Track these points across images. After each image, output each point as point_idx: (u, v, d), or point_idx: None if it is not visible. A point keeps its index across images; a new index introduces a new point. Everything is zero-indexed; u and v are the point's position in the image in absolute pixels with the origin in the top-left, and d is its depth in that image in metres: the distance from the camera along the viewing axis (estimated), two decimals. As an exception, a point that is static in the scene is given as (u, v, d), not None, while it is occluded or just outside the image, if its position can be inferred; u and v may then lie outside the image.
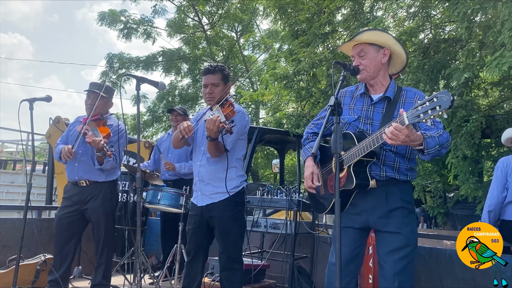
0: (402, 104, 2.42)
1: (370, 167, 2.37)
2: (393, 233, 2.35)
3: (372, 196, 2.40)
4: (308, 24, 7.85)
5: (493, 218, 3.76)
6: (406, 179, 2.45)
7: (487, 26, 4.86)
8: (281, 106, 11.06)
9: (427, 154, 2.21)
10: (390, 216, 2.37)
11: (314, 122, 2.75)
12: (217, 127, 2.70)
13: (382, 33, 2.55)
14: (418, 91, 2.53)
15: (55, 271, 3.60)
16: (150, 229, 5.51)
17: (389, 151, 2.41)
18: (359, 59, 2.48)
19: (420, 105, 2.07)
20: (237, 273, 3.02)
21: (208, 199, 3.03)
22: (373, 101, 2.50)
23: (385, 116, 2.43)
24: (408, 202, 2.44)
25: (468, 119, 5.24)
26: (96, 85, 3.77)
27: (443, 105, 1.97)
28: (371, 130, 2.44)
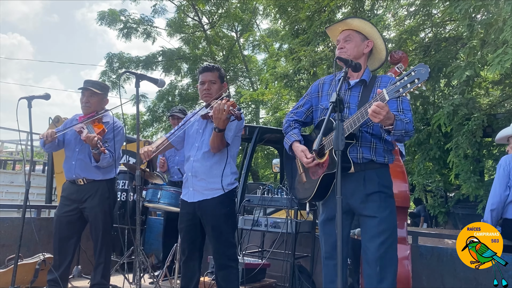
0: (377, 88, 2.46)
1: (348, 150, 2.41)
2: (372, 217, 2.40)
3: (350, 180, 2.43)
4: (308, 23, 7.85)
5: (496, 217, 3.73)
6: (384, 161, 2.48)
7: (488, 24, 4.84)
8: (281, 105, 11.05)
9: (393, 135, 2.28)
10: (368, 200, 2.42)
11: (293, 111, 2.79)
12: (226, 114, 2.69)
13: (370, 25, 2.61)
14: (392, 77, 2.61)
15: (55, 271, 3.58)
16: (150, 229, 5.48)
17: (365, 132, 2.46)
18: (344, 43, 2.56)
19: (399, 80, 2.13)
20: (234, 271, 2.98)
21: (200, 195, 2.98)
22: (350, 85, 2.56)
23: (361, 100, 2.48)
24: (385, 187, 2.47)
25: (469, 117, 5.23)
26: (90, 83, 3.73)
27: (422, 77, 2.05)
28: (349, 113, 2.48)
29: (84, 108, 3.72)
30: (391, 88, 2.16)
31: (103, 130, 3.55)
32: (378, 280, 2.36)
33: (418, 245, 3.90)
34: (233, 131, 2.97)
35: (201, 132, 3.06)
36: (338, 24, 2.63)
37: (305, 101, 2.76)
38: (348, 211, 2.51)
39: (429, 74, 2.03)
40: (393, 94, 2.15)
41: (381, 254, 2.36)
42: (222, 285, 2.98)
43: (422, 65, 2.07)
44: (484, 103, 7.06)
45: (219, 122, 2.74)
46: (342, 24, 2.61)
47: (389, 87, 2.17)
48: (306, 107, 2.75)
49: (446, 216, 8.28)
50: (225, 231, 2.95)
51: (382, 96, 2.18)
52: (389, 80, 2.52)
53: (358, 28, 2.58)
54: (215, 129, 2.80)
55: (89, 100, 3.69)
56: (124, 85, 16.08)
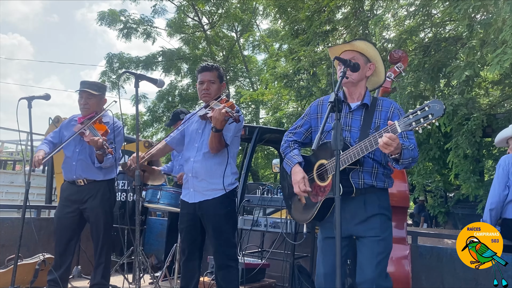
0: (379, 113, 2.50)
1: (351, 175, 2.41)
2: (372, 238, 2.41)
3: (351, 204, 2.43)
4: (308, 23, 7.85)
5: (495, 217, 3.73)
6: (384, 186, 2.50)
7: (488, 24, 4.85)
8: (281, 105, 11.06)
9: (401, 164, 2.30)
10: (369, 222, 2.43)
11: (292, 131, 2.77)
12: (224, 116, 2.70)
13: (374, 48, 2.60)
14: (392, 101, 2.61)
15: (55, 271, 3.57)
16: (150, 229, 5.48)
17: (367, 157, 2.45)
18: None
19: (412, 114, 2.13)
20: (233, 271, 2.98)
21: (201, 196, 2.98)
22: (351, 108, 2.54)
23: (363, 123, 2.49)
24: (386, 209, 2.49)
25: (469, 117, 5.23)
26: (87, 84, 3.72)
27: (436, 113, 2.05)
28: (350, 137, 2.48)
29: (83, 110, 3.71)
30: (404, 121, 2.16)
31: (106, 131, 3.55)
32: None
33: (418, 245, 3.90)
34: (232, 132, 2.98)
35: (200, 132, 3.06)
36: (344, 45, 2.60)
37: (304, 121, 2.73)
38: (347, 236, 2.50)
39: (443, 111, 2.03)
40: (405, 128, 2.15)
41: (378, 275, 2.38)
42: (222, 285, 2.97)
43: (437, 101, 2.08)
44: (484, 103, 7.07)
45: (216, 122, 2.74)
46: (348, 45, 2.58)
47: (402, 119, 2.17)
48: (305, 127, 2.71)
49: (446, 216, 8.29)
50: (225, 231, 2.95)
51: (394, 128, 2.18)
52: (390, 105, 2.53)
53: (363, 50, 2.55)
54: (212, 129, 2.80)
55: (87, 102, 3.68)
56: (124, 85, 16.11)
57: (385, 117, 2.48)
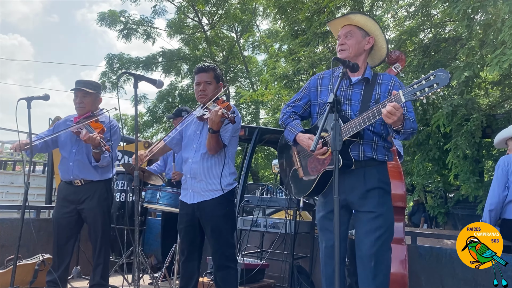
0: (379, 86, 2.49)
1: (350, 147, 2.40)
2: (370, 213, 2.40)
3: (350, 177, 2.43)
4: (307, 23, 7.86)
5: (494, 217, 3.73)
6: (384, 159, 2.49)
7: (487, 25, 4.85)
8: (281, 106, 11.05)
9: (403, 134, 2.30)
10: (368, 196, 2.41)
11: (291, 104, 2.75)
12: (220, 117, 2.71)
13: (372, 21, 2.58)
14: (393, 76, 2.59)
15: (54, 272, 3.58)
16: (149, 229, 5.48)
17: (367, 130, 2.44)
18: (344, 39, 2.52)
19: (416, 83, 2.12)
20: (232, 271, 2.98)
21: (199, 197, 2.99)
22: (351, 82, 2.53)
23: (364, 97, 2.47)
24: (385, 183, 2.48)
25: (468, 118, 5.23)
26: (82, 83, 3.72)
27: (441, 82, 2.04)
28: (350, 109, 2.48)
29: (78, 109, 3.70)
30: (409, 90, 2.14)
31: (103, 129, 3.55)
32: (371, 276, 2.36)
33: (417, 245, 3.90)
34: (230, 132, 2.98)
35: (198, 133, 3.07)
36: (340, 19, 2.59)
37: (303, 94, 2.71)
38: (345, 206, 2.50)
39: (449, 80, 2.02)
40: (410, 97, 2.13)
41: (376, 250, 2.36)
42: (221, 285, 2.98)
43: (443, 70, 2.07)
44: (483, 103, 7.07)
45: (213, 124, 2.76)
46: (344, 19, 2.57)
47: (406, 89, 2.16)
48: (304, 101, 2.70)
49: (445, 216, 8.28)
50: (224, 232, 2.95)
51: (398, 98, 2.16)
52: (391, 79, 2.52)
53: (360, 23, 2.53)
54: (209, 130, 2.82)
55: (83, 100, 3.67)
56: (124, 86, 16.13)
57: (385, 90, 2.47)
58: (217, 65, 3.24)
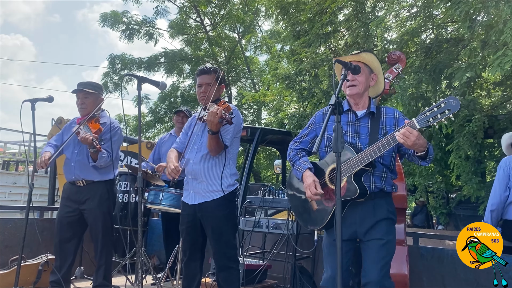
0: (384, 120, 2.61)
1: (363, 178, 2.48)
2: (378, 241, 2.49)
3: (361, 209, 2.53)
4: (309, 24, 7.86)
5: (496, 218, 3.74)
6: (391, 190, 2.60)
7: (489, 26, 4.85)
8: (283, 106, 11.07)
9: (428, 160, 2.42)
10: (377, 226, 2.51)
11: (297, 140, 2.83)
12: (218, 118, 2.73)
13: (377, 60, 2.71)
14: (395, 109, 2.73)
15: (57, 271, 3.60)
16: (152, 230, 5.50)
17: (378, 162, 2.54)
18: (355, 76, 2.59)
19: (428, 111, 2.24)
20: (234, 272, 3.00)
21: (200, 197, 3.01)
22: (358, 116, 2.65)
23: (371, 130, 2.58)
24: (393, 213, 2.59)
25: (470, 118, 5.23)
26: (82, 84, 3.76)
27: (453, 108, 2.16)
28: (360, 143, 2.57)
29: (80, 110, 3.75)
30: (422, 117, 2.26)
31: (100, 129, 3.58)
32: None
33: (419, 246, 3.91)
34: (231, 133, 3.00)
35: (200, 134, 3.09)
36: (351, 56, 2.70)
37: (309, 130, 2.80)
38: (353, 239, 2.60)
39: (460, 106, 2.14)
40: (423, 124, 2.25)
41: (382, 276, 2.46)
42: (223, 286, 2.99)
43: (453, 97, 2.18)
44: (485, 104, 7.06)
45: (211, 125, 2.78)
46: (355, 56, 2.68)
47: (419, 116, 2.27)
48: (310, 136, 2.79)
49: (447, 217, 8.28)
50: (225, 233, 2.97)
51: (413, 124, 2.28)
52: (394, 112, 2.65)
53: (368, 62, 2.66)
54: (208, 132, 2.84)
55: (84, 101, 3.72)
56: (127, 87, 16.13)
57: (391, 123, 2.58)
58: (219, 66, 3.26)
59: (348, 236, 2.53)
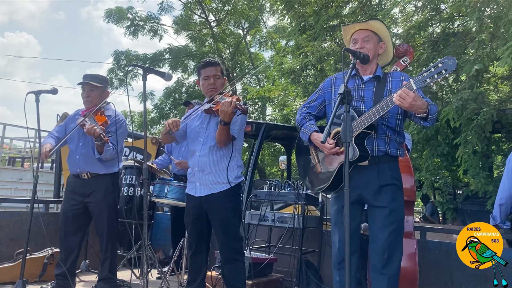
0: (390, 83, 2.61)
1: (365, 141, 2.49)
2: (383, 208, 2.51)
3: (365, 173, 2.55)
4: (315, 18, 7.81)
5: (505, 212, 3.69)
6: (396, 154, 2.59)
7: (498, 17, 4.78)
8: (288, 102, 11.01)
9: (430, 120, 2.40)
10: (381, 191, 2.53)
11: (306, 105, 2.86)
12: (232, 108, 2.71)
13: (386, 29, 2.72)
14: (402, 73, 2.73)
15: (62, 264, 3.60)
16: (157, 224, 5.49)
17: (381, 124, 2.55)
18: (363, 43, 2.63)
19: (426, 71, 2.23)
20: (240, 264, 2.98)
21: (207, 189, 2.99)
22: (363, 80, 2.66)
23: (376, 94, 2.58)
24: (397, 179, 2.59)
25: (478, 112, 5.16)
26: (89, 77, 3.74)
27: (449, 68, 2.15)
28: (364, 106, 2.57)
29: (86, 103, 3.74)
30: (419, 78, 2.25)
31: (106, 122, 3.57)
32: (383, 265, 2.49)
33: (426, 240, 3.88)
34: (239, 125, 3.00)
35: (204, 127, 3.07)
36: (361, 23, 2.72)
37: (317, 95, 2.83)
38: (359, 201, 2.61)
39: (456, 65, 2.12)
40: (420, 84, 2.24)
41: (390, 243, 2.48)
42: (228, 278, 2.98)
43: (450, 57, 2.18)
44: (493, 99, 6.98)
45: (225, 115, 2.75)
46: (364, 24, 2.69)
47: (416, 77, 2.27)
48: (319, 101, 2.81)
49: (454, 212, 8.22)
50: (232, 225, 2.95)
51: (410, 85, 2.27)
52: (400, 75, 2.63)
53: (377, 30, 2.67)
54: (220, 122, 2.81)
55: (90, 94, 3.71)
56: (132, 83, 16.16)
57: (397, 86, 2.56)
58: (224, 62, 3.25)
59: (353, 199, 2.54)
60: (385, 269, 2.48)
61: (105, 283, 3.66)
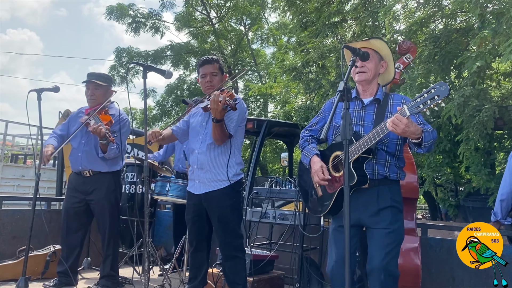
0: (391, 107, 2.59)
1: (365, 165, 2.48)
2: (383, 230, 2.48)
3: (364, 196, 2.53)
4: (317, 14, 7.78)
5: (506, 208, 3.69)
6: (396, 178, 2.58)
7: (500, 14, 4.75)
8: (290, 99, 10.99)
9: (424, 147, 2.39)
10: (380, 214, 2.51)
11: (308, 129, 2.87)
12: (222, 105, 2.71)
13: (387, 47, 2.70)
14: (404, 96, 2.72)
15: (64, 262, 3.61)
16: (159, 221, 5.51)
17: (381, 149, 2.55)
18: (363, 62, 2.59)
19: (419, 97, 2.23)
20: (240, 261, 3.00)
21: (206, 187, 3.00)
22: (364, 104, 2.65)
23: (376, 118, 2.57)
24: (397, 202, 2.56)
25: (480, 109, 5.14)
26: (93, 75, 3.75)
27: (441, 94, 2.14)
28: (363, 131, 2.57)
29: (90, 101, 3.75)
30: (412, 104, 2.25)
31: (111, 121, 3.57)
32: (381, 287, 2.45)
33: (428, 237, 3.88)
34: (235, 122, 2.99)
35: (204, 124, 3.08)
36: (361, 42, 2.70)
37: (319, 119, 2.84)
38: (358, 225, 2.59)
39: (448, 92, 2.14)
40: (413, 110, 2.24)
41: (386, 263, 2.45)
42: (229, 275, 2.99)
43: (442, 83, 2.19)
44: (495, 95, 6.95)
45: (215, 112, 2.76)
46: (365, 43, 2.67)
47: (410, 103, 2.27)
48: (320, 124, 2.82)
49: (456, 209, 8.21)
50: (231, 222, 2.96)
51: (403, 112, 2.27)
52: (401, 99, 2.62)
53: (378, 49, 2.65)
54: (213, 120, 2.82)
55: (94, 93, 3.71)
56: (133, 80, 16.15)
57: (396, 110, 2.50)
58: (225, 59, 3.25)
59: (352, 222, 2.50)
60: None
61: (107, 280, 3.68)
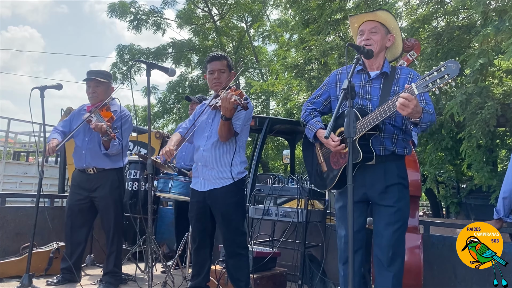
0: (398, 80, 2.53)
1: (371, 141, 2.45)
2: (389, 207, 2.48)
3: (371, 172, 2.50)
4: (319, 12, 7.77)
5: (508, 205, 3.67)
6: (403, 153, 2.55)
7: (503, 11, 4.74)
8: (292, 96, 10.99)
9: (420, 127, 2.35)
10: (387, 191, 2.49)
11: (311, 101, 2.80)
12: (232, 104, 2.70)
13: (395, 20, 2.63)
14: (411, 70, 2.63)
15: (67, 259, 3.63)
16: (161, 218, 5.52)
17: (388, 123, 2.50)
18: (369, 34, 2.55)
19: (428, 75, 2.15)
20: (244, 258, 3.00)
21: (210, 184, 3.01)
22: (370, 77, 2.58)
23: (383, 91, 2.51)
24: (403, 178, 2.55)
25: (483, 106, 5.14)
26: (94, 73, 3.76)
27: (452, 73, 2.07)
28: (370, 105, 2.52)
29: (91, 99, 3.76)
30: (421, 82, 2.18)
31: (112, 118, 3.58)
32: (388, 263, 2.48)
33: (430, 234, 3.88)
34: (242, 120, 2.99)
35: (210, 122, 3.08)
36: (367, 14, 2.64)
37: (322, 91, 2.77)
38: (365, 200, 2.58)
39: (459, 70, 2.05)
40: (422, 89, 2.17)
41: (395, 241, 2.46)
42: (232, 272, 3.00)
43: (453, 61, 2.11)
44: (497, 93, 6.95)
45: (226, 111, 2.76)
46: (371, 15, 2.61)
47: (419, 81, 2.20)
48: (323, 97, 2.76)
49: (458, 206, 8.22)
50: (235, 219, 2.97)
51: (411, 90, 2.20)
52: (409, 72, 2.56)
53: (384, 20, 2.58)
54: (222, 118, 2.82)
55: (95, 90, 3.72)
56: (135, 77, 16.15)
57: (404, 83, 2.48)
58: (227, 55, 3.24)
59: (358, 198, 2.51)
60: (391, 267, 2.47)
61: (110, 277, 3.69)
